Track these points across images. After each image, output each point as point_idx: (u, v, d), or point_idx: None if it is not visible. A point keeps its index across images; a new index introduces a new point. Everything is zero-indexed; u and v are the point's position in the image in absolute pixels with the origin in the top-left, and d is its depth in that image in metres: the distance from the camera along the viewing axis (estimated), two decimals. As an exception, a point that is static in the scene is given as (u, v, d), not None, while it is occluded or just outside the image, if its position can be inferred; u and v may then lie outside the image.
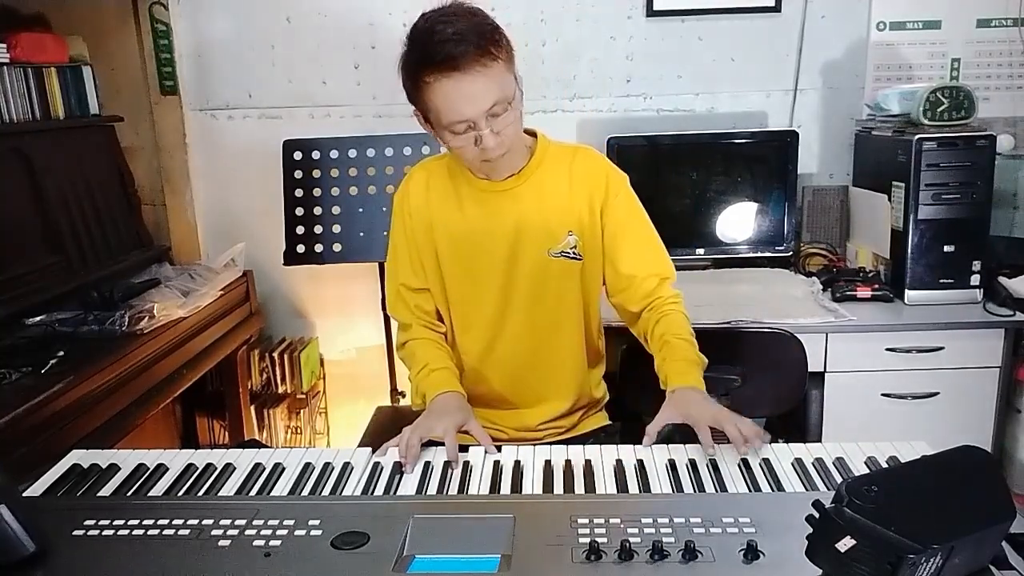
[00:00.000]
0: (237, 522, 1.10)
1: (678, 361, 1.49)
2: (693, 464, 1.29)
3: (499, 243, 1.59)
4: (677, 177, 2.65)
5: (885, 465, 1.27)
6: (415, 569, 1.00)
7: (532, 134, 1.63)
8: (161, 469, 1.32)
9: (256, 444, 1.97)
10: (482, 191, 1.59)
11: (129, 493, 1.25)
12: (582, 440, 1.68)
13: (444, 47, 1.36)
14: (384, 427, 2.23)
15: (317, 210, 2.51)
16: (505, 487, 1.25)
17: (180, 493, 1.25)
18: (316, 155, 2.50)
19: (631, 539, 1.01)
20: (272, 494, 1.25)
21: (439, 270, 1.64)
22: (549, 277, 1.60)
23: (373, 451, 1.37)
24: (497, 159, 1.48)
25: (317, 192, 2.51)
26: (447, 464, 1.33)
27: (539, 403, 1.67)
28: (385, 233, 2.47)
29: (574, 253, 1.59)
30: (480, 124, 1.41)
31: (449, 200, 1.61)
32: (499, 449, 1.38)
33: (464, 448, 1.38)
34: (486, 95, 1.39)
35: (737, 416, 1.35)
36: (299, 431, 2.83)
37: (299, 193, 2.51)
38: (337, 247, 2.51)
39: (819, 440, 2.12)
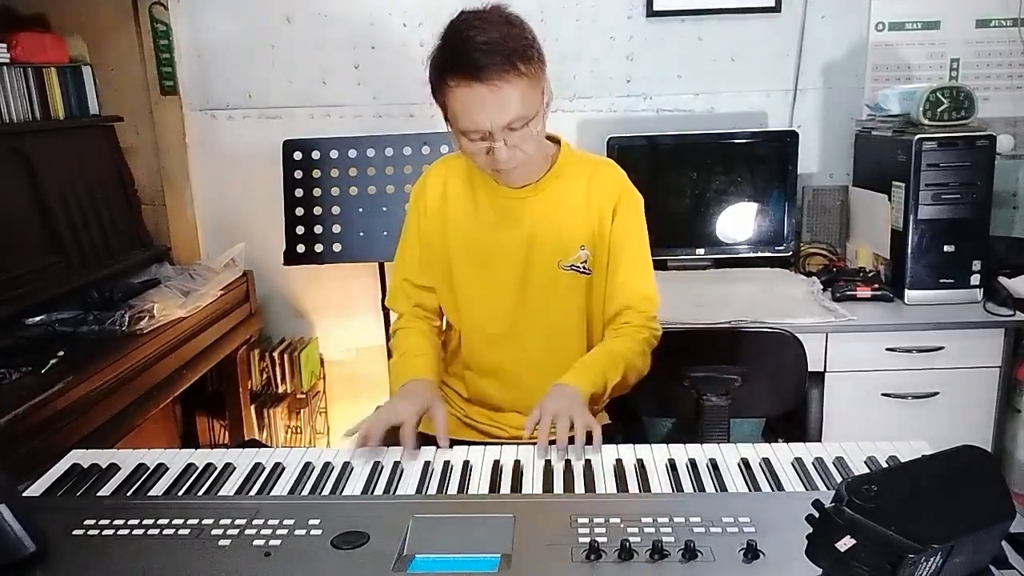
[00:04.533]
0: (237, 522, 1.10)
1: (579, 364, 1.52)
2: (693, 464, 1.29)
3: (512, 251, 1.59)
4: (677, 177, 2.65)
5: (885, 465, 1.27)
6: (415, 569, 1.00)
7: (557, 141, 1.62)
8: (161, 469, 1.32)
9: (256, 444, 1.98)
10: (499, 196, 1.59)
11: (129, 493, 1.25)
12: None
13: (471, 55, 1.35)
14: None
15: (317, 210, 2.51)
16: (505, 487, 1.25)
17: (180, 493, 1.25)
18: (316, 155, 2.51)
19: (631, 539, 1.01)
20: (272, 494, 1.25)
21: (450, 270, 1.63)
22: (558, 289, 1.60)
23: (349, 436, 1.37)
24: (508, 170, 1.48)
25: (317, 192, 2.51)
26: (447, 464, 1.33)
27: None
28: (385, 233, 2.51)
29: (583, 268, 1.60)
30: (496, 135, 1.41)
31: (466, 202, 1.61)
32: (451, 446, 1.37)
33: (466, 443, 1.38)
34: (504, 110, 1.38)
35: (584, 417, 1.35)
36: (299, 431, 2.83)
37: (299, 193, 2.52)
38: (337, 247, 2.51)
39: (819, 440, 2.12)
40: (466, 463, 1.32)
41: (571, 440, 1.34)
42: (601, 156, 1.68)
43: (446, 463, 1.33)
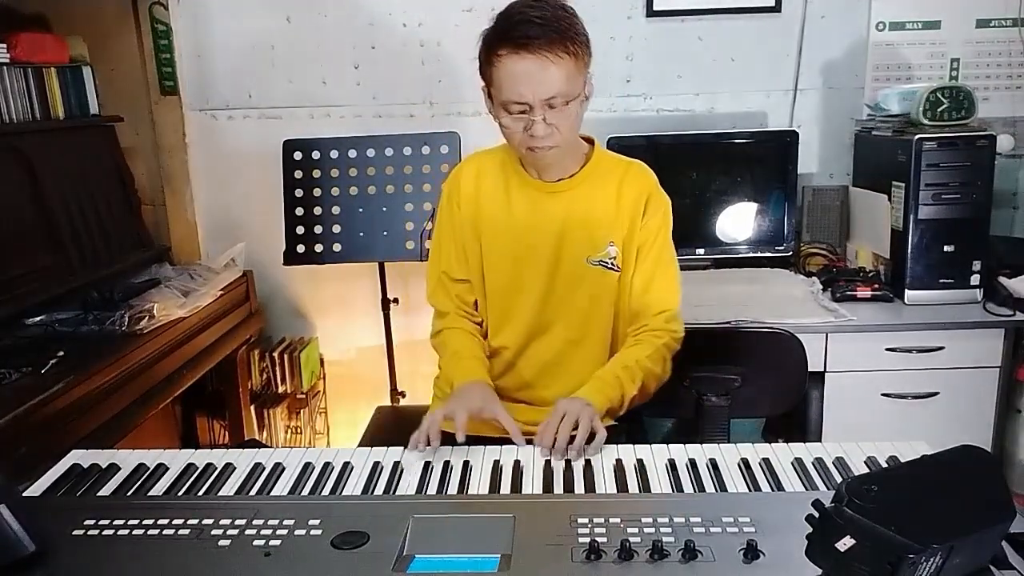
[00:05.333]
0: (237, 522, 1.10)
1: (596, 378, 1.52)
2: (693, 464, 1.29)
3: (542, 243, 1.61)
4: (677, 177, 2.64)
5: (885, 465, 1.27)
6: (415, 569, 1.00)
7: (590, 141, 1.65)
8: (161, 469, 1.32)
9: (256, 444, 1.98)
10: (532, 189, 1.61)
11: (129, 493, 1.25)
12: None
13: (523, 27, 1.41)
14: (384, 427, 2.23)
15: (317, 210, 2.51)
16: (505, 487, 1.25)
17: (180, 493, 1.25)
18: (316, 155, 2.51)
19: (631, 539, 1.01)
20: (272, 494, 1.25)
21: (481, 262, 1.65)
22: (585, 284, 1.61)
23: (404, 448, 1.37)
24: (542, 152, 1.50)
25: (317, 192, 2.51)
26: (447, 464, 1.33)
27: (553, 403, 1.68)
28: (385, 233, 2.51)
29: (612, 264, 1.61)
30: (535, 110, 1.44)
31: (498, 194, 1.63)
32: (529, 442, 1.38)
33: (466, 441, 1.38)
34: (547, 84, 1.42)
35: (590, 420, 1.35)
36: (299, 431, 2.83)
37: (299, 193, 2.51)
38: (337, 247, 2.51)
39: (819, 440, 2.12)
40: (466, 463, 1.32)
41: (571, 440, 1.34)
42: (633, 159, 1.69)
43: (446, 463, 1.33)
